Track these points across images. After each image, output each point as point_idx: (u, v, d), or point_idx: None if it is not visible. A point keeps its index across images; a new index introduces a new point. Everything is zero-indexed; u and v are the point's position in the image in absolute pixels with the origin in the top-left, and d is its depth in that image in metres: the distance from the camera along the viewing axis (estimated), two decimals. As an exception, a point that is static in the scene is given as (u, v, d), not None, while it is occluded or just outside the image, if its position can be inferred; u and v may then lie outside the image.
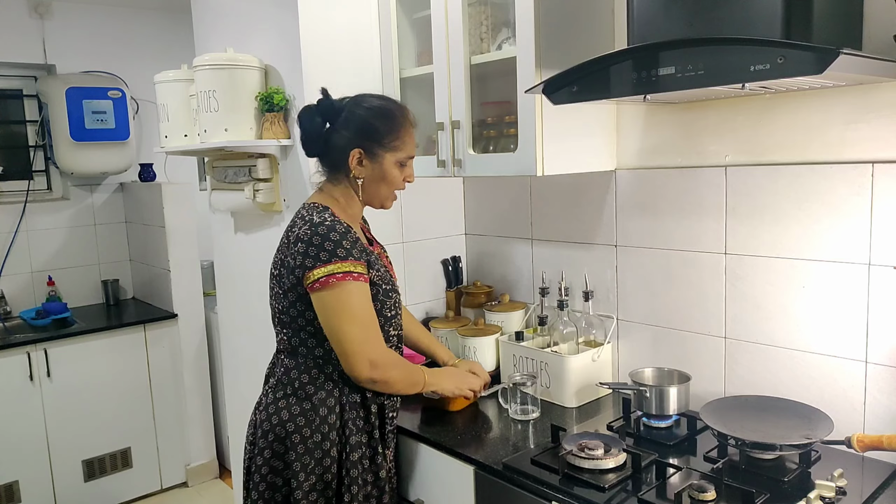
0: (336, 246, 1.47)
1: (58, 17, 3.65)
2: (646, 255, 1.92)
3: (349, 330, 1.48)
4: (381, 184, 1.61)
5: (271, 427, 1.57)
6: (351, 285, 1.48)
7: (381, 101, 1.62)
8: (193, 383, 3.68)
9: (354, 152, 1.56)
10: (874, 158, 1.47)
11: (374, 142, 1.56)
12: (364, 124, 1.56)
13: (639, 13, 1.44)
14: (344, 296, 1.47)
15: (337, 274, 1.46)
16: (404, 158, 1.61)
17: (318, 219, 1.51)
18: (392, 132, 1.57)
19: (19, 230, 3.62)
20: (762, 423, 1.53)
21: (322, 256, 1.46)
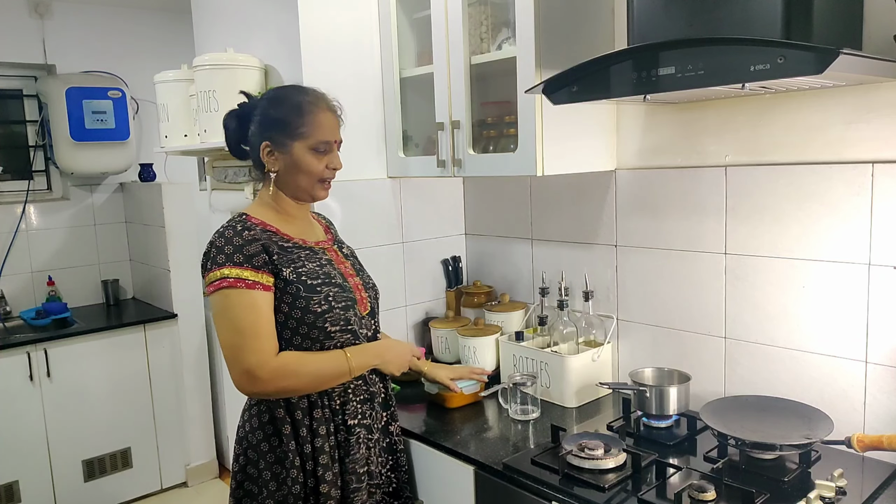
0: (218, 252, 1.44)
1: (58, 17, 3.65)
2: (646, 255, 1.92)
3: (222, 340, 1.43)
4: (298, 174, 1.53)
5: (242, 450, 1.55)
6: (226, 292, 1.41)
7: (284, 91, 1.59)
8: (193, 383, 3.68)
9: (263, 146, 1.52)
10: (874, 158, 1.47)
11: (279, 132, 1.51)
12: (267, 116, 1.53)
13: (639, 13, 1.44)
14: (219, 304, 1.43)
15: (213, 282, 1.42)
16: (316, 144, 1.52)
17: (224, 227, 1.50)
18: (297, 119, 1.51)
19: (19, 230, 3.62)
20: (762, 423, 1.53)
21: (207, 264, 1.44)
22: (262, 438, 1.51)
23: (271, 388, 1.43)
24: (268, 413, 1.51)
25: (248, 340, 1.41)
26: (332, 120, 1.56)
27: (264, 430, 1.51)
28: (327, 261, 1.58)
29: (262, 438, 1.51)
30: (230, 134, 1.60)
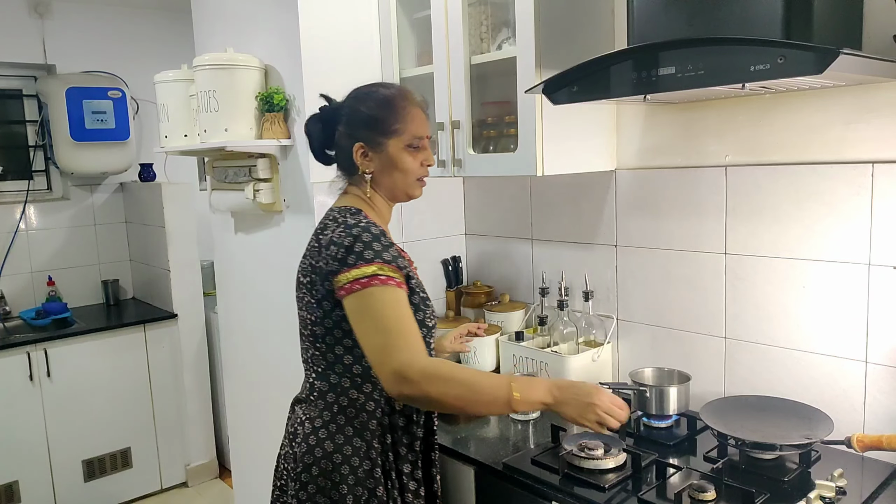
0: (365, 248, 1.34)
1: (58, 17, 3.65)
2: (646, 255, 1.92)
3: (368, 340, 1.31)
4: (395, 173, 1.48)
5: (315, 460, 1.42)
6: (376, 290, 1.32)
7: (373, 88, 1.53)
8: (193, 383, 3.68)
9: (356, 147, 1.47)
10: (874, 158, 1.47)
11: (372, 131, 1.46)
12: (358, 116, 1.48)
13: (639, 13, 1.44)
14: (369, 301, 1.32)
15: (361, 279, 1.32)
16: (411, 140, 1.47)
17: (353, 220, 1.40)
18: (390, 116, 1.46)
19: (19, 230, 3.62)
20: (762, 423, 1.53)
21: (349, 260, 1.33)
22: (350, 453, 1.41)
23: (419, 390, 1.26)
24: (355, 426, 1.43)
25: (397, 338, 1.29)
26: (422, 115, 1.51)
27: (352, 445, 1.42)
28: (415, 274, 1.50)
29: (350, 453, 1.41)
30: (315, 139, 1.54)
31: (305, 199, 2.12)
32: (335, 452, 1.41)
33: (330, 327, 1.41)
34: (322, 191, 2.10)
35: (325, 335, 1.43)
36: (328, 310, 1.40)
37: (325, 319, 1.41)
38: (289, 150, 2.18)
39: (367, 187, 1.50)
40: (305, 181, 2.11)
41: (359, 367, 1.42)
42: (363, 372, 1.42)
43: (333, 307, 1.39)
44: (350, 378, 1.43)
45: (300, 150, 2.12)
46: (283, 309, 2.32)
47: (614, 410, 1.31)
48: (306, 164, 2.09)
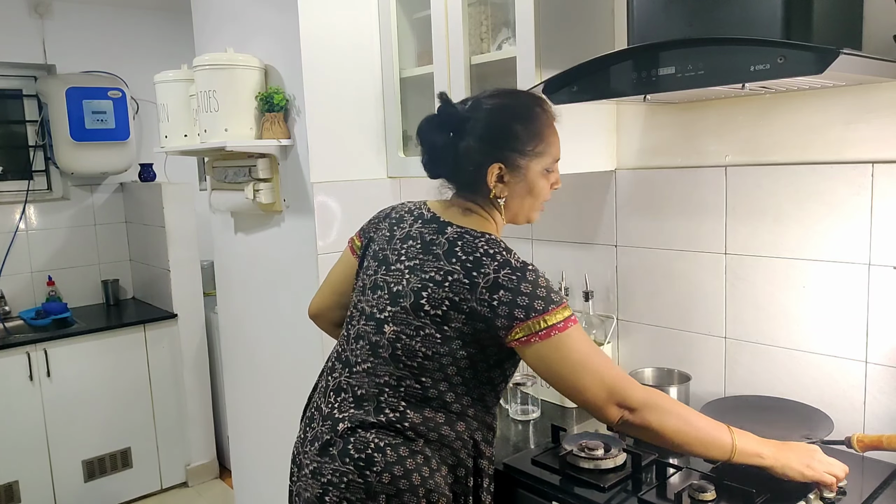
0: (548, 292, 1.23)
1: (58, 17, 3.65)
2: (646, 255, 1.92)
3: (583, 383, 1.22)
4: (527, 198, 1.34)
5: (398, 492, 1.25)
6: (572, 332, 1.23)
7: (514, 98, 1.35)
8: (193, 383, 3.68)
9: (493, 168, 1.29)
10: (874, 158, 1.47)
11: (514, 151, 1.29)
12: (500, 131, 1.29)
13: (639, 13, 1.44)
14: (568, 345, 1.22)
15: (557, 324, 1.22)
16: (550, 164, 1.34)
17: (517, 262, 1.25)
18: (536, 135, 1.30)
19: (19, 230, 3.62)
20: (762, 423, 1.53)
21: (537, 306, 1.21)
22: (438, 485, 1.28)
23: (640, 419, 1.22)
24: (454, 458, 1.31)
25: (606, 370, 1.23)
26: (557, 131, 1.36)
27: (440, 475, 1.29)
28: None
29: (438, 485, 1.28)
30: (437, 145, 1.32)
31: (305, 200, 2.12)
32: (420, 486, 1.26)
33: (446, 364, 1.28)
34: (322, 191, 2.10)
35: (436, 371, 1.29)
36: (455, 349, 1.27)
37: (446, 357, 1.27)
38: (289, 150, 2.19)
39: (493, 210, 1.35)
40: (305, 181, 2.11)
41: (458, 405, 1.31)
42: (461, 410, 1.31)
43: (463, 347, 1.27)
44: (445, 414, 1.30)
45: (300, 150, 2.12)
46: (284, 309, 2.32)
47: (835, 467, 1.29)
48: (306, 164, 2.10)
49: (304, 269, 2.17)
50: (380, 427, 1.30)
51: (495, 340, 1.26)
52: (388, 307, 1.33)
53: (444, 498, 1.28)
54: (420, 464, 1.27)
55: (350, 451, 1.29)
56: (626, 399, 1.22)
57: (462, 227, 1.32)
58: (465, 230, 1.31)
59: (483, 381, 1.32)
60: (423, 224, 1.37)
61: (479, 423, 1.35)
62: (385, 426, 1.29)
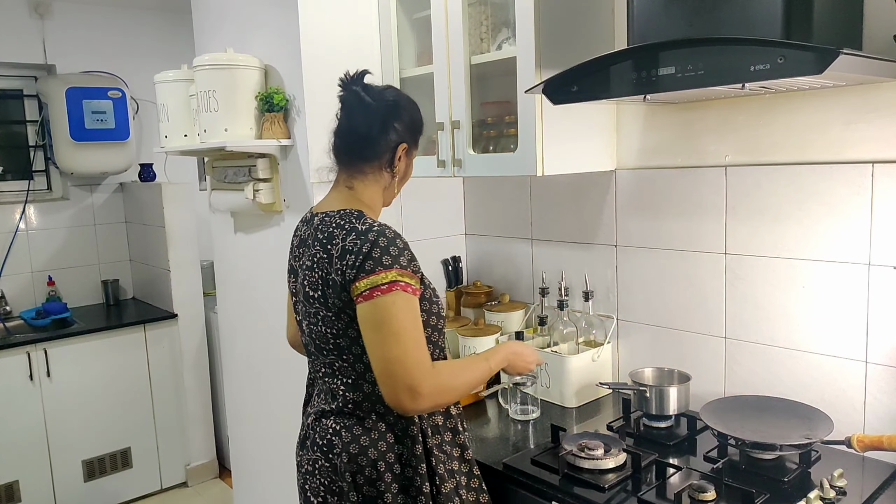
0: (383, 253, 1.29)
1: (58, 17, 3.65)
2: (646, 255, 1.92)
3: (380, 351, 1.27)
4: (403, 182, 1.52)
5: (359, 469, 1.35)
6: (396, 297, 1.27)
7: (408, 96, 1.52)
8: (193, 383, 3.68)
9: (402, 146, 1.44)
10: (874, 158, 1.47)
11: (412, 137, 1.48)
12: (413, 118, 1.47)
13: (639, 13, 1.44)
14: (385, 308, 1.27)
15: (381, 285, 1.27)
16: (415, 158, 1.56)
17: (363, 226, 1.34)
18: (422, 129, 1.51)
19: (19, 230, 3.62)
20: (762, 423, 1.53)
21: (367, 267, 1.28)
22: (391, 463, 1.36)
23: (430, 404, 1.29)
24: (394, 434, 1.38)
25: (413, 352, 1.27)
26: None
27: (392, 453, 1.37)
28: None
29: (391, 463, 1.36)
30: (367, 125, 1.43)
31: (305, 199, 2.12)
32: (379, 460, 1.35)
33: (354, 337, 1.35)
34: (322, 191, 2.10)
35: (350, 346, 1.36)
36: (348, 321, 1.34)
37: (349, 330, 1.35)
38: (289, 150, 2.19)
39: (374, 187, 1.46)
40: (305, 181, 2.11)
41: None
42: None
43: (351, 319, 1.33)
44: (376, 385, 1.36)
45: (300, 150, 2.12)
46: (283, 309, 2.32)
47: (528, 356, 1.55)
48: (306, 164, 2.10)
49: (304, 269, 2.17)
50: (336, 413, 1.42)
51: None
52: (299, 307, 1.48)
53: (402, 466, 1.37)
54: (374, 439, 1.37)
55: (317, 440, 1.43)
56: (418, 386, 1.26)
57: (324, 212, 1.44)
58: (325, 214, 1.43)
59: None
60: (304, 223, 1.51)
61: None
62: (339, 412, 1.41)
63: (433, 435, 1.40)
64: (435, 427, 1.42)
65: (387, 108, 1.44)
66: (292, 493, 2.48)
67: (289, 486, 2.48)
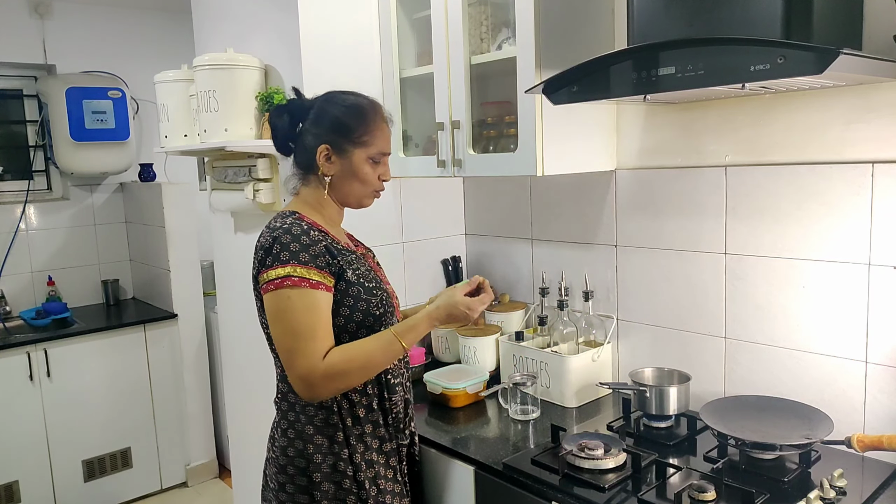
0: (282, 249, 1.38)
1: (58, 17, 3.65)
2: (646, 255, 1.92)
3: (278, 342, 1.39)
4: (354, 181, 1.52)
5: (288, 460, 1.47)
6: (287, 292, 1.36)
7: (349, 97, 1.55)
8: (193, 383, 3.68)
9: (321, 148, 1.48)
10: (874, 158, 1.47)
11: (341, 137, 1.48)
12: (331, 119, 1.49)
13: (639, 13, 1.44)
14: (281, 302, 1.37)
15: (275, 280, 1.37)
16: (376, 154, 1.52)
17: (278, 223, 1.44)
18: (360, 127, 1.49)
19: (19, 230, 3.62)
20: (762, 423, 1.53)
21: (267, 262, 1.39)
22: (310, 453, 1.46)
23: (326, 391, 1.39)
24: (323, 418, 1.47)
25: (302, 344, 1.36)
26: (388, 131, 1.56)
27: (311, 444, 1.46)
28: (369, 267, 1.55)
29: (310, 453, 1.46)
30: (280, 131, 1.54)
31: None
32: (304, 451, 1.45)
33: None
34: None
35: (270, 340, 1.48)
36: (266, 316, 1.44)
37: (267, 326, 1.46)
38: (289, 150, 2.18)
39: (322, 189, 1.52)
40: (305, 181, 2.11)
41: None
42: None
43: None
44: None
45: (300, 150, 2.12)
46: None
47: (474, 304, 1.49)
48: (306, 164, 2.09)
49: (304, 269, 2.17)
50: (277, 405, 1.53)
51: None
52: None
53: (323, 456, 1.45)
54: (299, 430, 1.46)
55: (270, 432, 1.55)
56: (308, 375, 1.36)
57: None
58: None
59: None
60: None
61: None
62: (278, 403, 1.53)
63: (353, 425, 1.48)
64: (355, 418, 1.48)
65: (294, 115, 1.54)
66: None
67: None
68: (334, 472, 1.45)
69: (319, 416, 1.46)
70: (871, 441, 1.42)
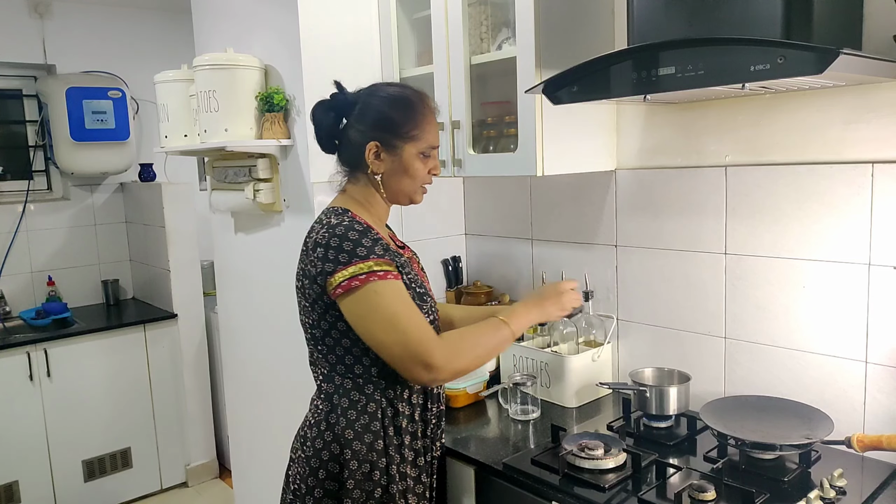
0: (355, 245, 1.33)
1: (58, 17, 3.65)
2: (646, 255, 1.92)
3: (386, 338, 1.32)
4: (404, 177, 1.46)
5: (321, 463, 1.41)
6: (377, 285, 1.31)
7: (396, 89, 1.50)
8: (193, 383, 3.68)
9: (371, 145, 1.43)
10: (874, 158, 1.47)
11: (390, 133, 1.43)
12: (379, 115, 1.43)
13: (639, 13, 1.44)
14: (369, 298, 1.31)
15: (359, 276, 1.31)
16: (426, 149, 1.46)
17: (336, 220, 1.39)
18: (410, 121, 1.43)
19: (19, 230, 3.62)
20: (762, 423, 1.53)
21: (341, 259, 1.32)
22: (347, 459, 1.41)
23: (448, 374, 1.33)
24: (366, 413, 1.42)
25: (412, 330, 1.31)
26: (436, 123, 1.51)
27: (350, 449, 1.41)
28: (416, 273, 1.51)
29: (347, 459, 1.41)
30: (325, 128, 1.48)
31: (305, 199, 2.12)
32: (339, 456, 1.40)
33: (327, 329, 1.41)
34: (322, 191, 2.10)
35: (324, 337, 1.43)
36: (321, 312, 1.40)
37: (321, 321, 1.41)
38: (289, 150, 2.19)
39: (371, 187, 1.48)
40: (305, 181, 2.11)
41: (360, 367, 1.42)
42: (363, 372, 1.42)
43: (326, 309, 1.39)
44: (352, 380, 1.43)
45: (300, 150, 2.12)
46: (283, 309, 2.32)
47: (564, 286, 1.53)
48: (306, 164, 2.10)
49: (304, 269, 2.17)
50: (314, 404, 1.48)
51: (331, 299, 1.37)
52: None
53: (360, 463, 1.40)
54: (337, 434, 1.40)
55: (299, 431, 1.50)
56: (429, 359, 1.30)
57: (325, 208, 1.48)
58: (324, 209, 1.48)
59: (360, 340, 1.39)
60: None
61: (387, 383, 1.43)
62: (315, 404, 1.47)
63: (394, 435, 1.44)
64: (397, 428, 1.44)
65: (339, 112, 1.48)
66: (292, 493, 2.47)
67: (289, 486, 2.48)
68: (367, 481, 1.40)
69: (362, 421, 1.41)
70: (870, 441, 1.42)
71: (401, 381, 1.43)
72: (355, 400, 1.42)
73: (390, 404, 1.43)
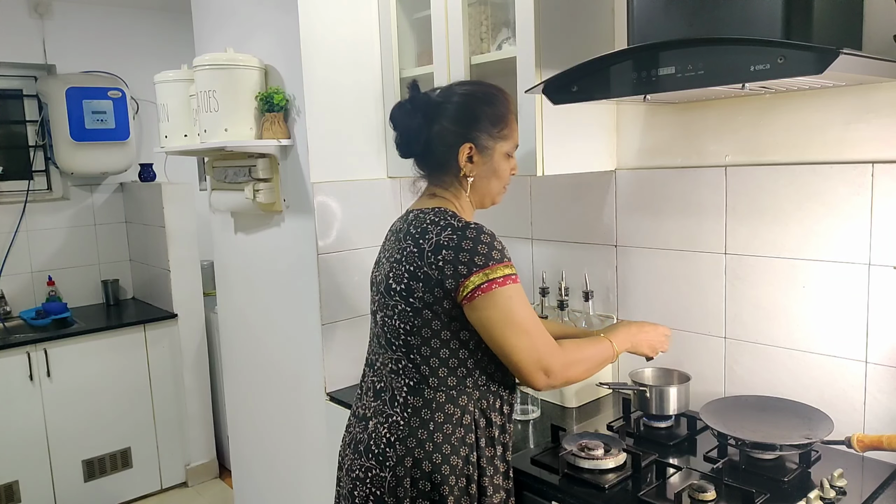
0: (490, 248, 1.29)
1: (58, 17, 3.65)
2: (646, 255, 1.92)
3: (518, 342, 1.30)
4: (493, 179, 1.42)
5: (413, 482, 1.34)
6: (511, 289, 1.30)
7: (481, 87, 1.43)
8: (193, 383, 3.68)
9: (465, 147, 1.37)
10: (874, 158, 1.47)
11: (483, 133, 1.38)
12: (473, 114, 1.38)
13: (639, 13, 1.44)
14: (506, 302, 1.29)
15: (498, 279, 1.28)
16: (512, 148, 1.43)
17: (460, 223, 1.33)
18: (501, 119, 1.39)
19: (19, 230, 3.62)
20: (762, 423, 1.53)
21: (478, 261, 1.28)
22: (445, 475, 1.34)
23: (562, 380, 1.35)
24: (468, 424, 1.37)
25: (542, 336, 1.32)
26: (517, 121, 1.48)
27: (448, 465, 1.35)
28: None
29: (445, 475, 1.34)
30: (413, 131, 1.41)
31: (305, 199, 2.12)
32: (433, 473, 1.34)
33: (427, 337, 1.35)
34: (322, 191, 2.10)
35: (420, 345, 1.35)
36: (428, 318, 1.34)
37: (423, 329, 1.34)
38: (289, 150, 2.19)
39: (463, 190, 1.42)
40: (305, 181, 2.11)
41: (454, 378, 1.36)
42: (458, 384, 1.36)
43: (435, 316, 1.33)
44: (445, 391, 1.36)
45: (300, 150, 2.12)
46: (284, 309, 2.32)
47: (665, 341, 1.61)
48: (306, 164, 2.10)
49: (304, 269, 2.17)
50: (392, 418, 1.38)
51: (453, 302, 1.32)
52: (374, 298, 1.47)
53: (457, 478, 1.35)
54: (429, 451, 1.34)
55: (372, 447, 1.39)
56: (550, 365, 1.32)
57: (419, 209, 1.42)
58: (420, 210, 1.41)
59: (470, 349, 1.36)
60: (399, 220, 1.50)
61: (480, 394, 1.39)
62: (395, 419, 1.38)
63: (486, 447, 1.39)
64: (490, 439, 1.40)
65: (426, 112, 1.41)
66: (293, 493, 2.48)
67: (289, 485, 2.48)
68: (464, 496, 1.35)
69: (458, 434, 1.35)
70: (871, 441, 1.42)
71: (493, 391, 1.40)
72: (450, 413, 1.35)
73: (483, 415, 1.39)
